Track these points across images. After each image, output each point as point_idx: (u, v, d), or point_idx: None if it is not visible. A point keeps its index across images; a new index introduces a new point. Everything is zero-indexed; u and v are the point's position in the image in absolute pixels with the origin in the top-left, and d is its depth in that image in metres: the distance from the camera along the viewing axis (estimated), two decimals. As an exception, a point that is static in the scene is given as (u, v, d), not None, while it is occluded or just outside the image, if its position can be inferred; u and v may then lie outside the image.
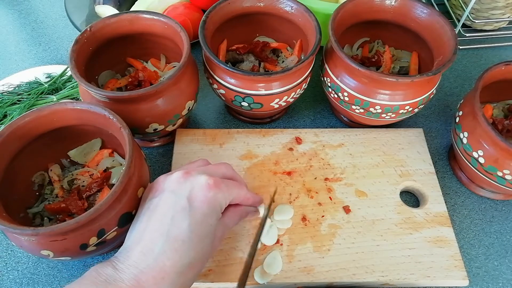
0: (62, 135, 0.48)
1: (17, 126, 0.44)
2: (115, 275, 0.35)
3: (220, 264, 0.47)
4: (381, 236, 0.50)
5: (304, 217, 0.51)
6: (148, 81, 0.56)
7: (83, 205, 0.46)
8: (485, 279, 0.51)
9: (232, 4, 0.57)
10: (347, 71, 0.54)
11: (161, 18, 0.54)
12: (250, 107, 0.55)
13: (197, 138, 0.58)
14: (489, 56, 0.76)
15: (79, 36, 0.51)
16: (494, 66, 0.52)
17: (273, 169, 0.55)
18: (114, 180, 0.50)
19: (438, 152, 0.62)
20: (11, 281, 0.49)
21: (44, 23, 0.80)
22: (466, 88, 0.70)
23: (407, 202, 0.55)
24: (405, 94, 0.52)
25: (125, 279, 0.35)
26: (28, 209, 0.47)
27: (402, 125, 0.63)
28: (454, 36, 0.53)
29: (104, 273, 0.35)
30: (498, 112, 0.57)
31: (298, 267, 0.47)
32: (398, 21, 0.60)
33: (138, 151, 0.46)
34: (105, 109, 0.45)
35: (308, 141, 0.58)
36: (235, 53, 0.61)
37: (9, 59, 0.73)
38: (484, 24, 0.77)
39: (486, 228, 0.55)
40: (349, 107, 0.56)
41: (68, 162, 0.52)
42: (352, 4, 0.57)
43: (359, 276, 0.47)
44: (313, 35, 0.54)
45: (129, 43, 0.57)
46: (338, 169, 0.56)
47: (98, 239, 0.41)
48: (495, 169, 0.49)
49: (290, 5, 0.58)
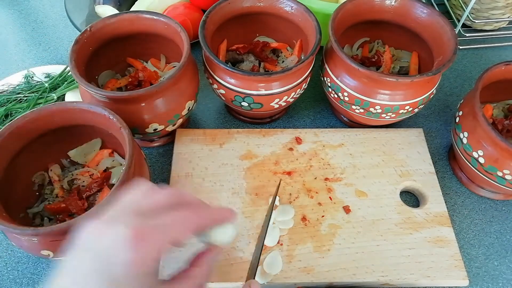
0: (62, 135, 0.48)
1: (17, 126, 0.44)
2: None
3: (220, 264, 0.47)
4: (381, 236, 0.50)
5: (304, 217, 0.51)
6: (148, 81, 0.56)
7: (83, 205, 0.46)
8: (485, 279, 0.51)
9: (232, 4, 0.57)
10: (347, 71, 0.54)
11: (161, 18, 0.54)
12: (250, 107, 0.55)
13: (197, 138, 0.58)
14: (489, 56, 0.76)
15: (79, 36, 0.51)
16: (494, 66, 0.52)
17: (273, 169, 0.55)
18: (114, 180, 0.50)
19: (438, 152, 0.62)
20: (11, 281, 0.49)
21: (44, 23, 0.80)
22: (466, 88, 0.70)
23: (407, 202, 0.55)
24: (405, 94, 0.52)
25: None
26: (28, 209, 0.47)
27: (402, 125, 0.63)
28: (454, 36, 0.53)
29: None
30: (498, 112, 0.57)
31: (298, 267, 0.47)
32: (398, 21, 0.60)
33: (138, 151, 0.46)
34: (105, 109, 0.45)
35: (308, 141, 0.58)
36: (235, 53, 0.61)
37: (9, 59, 0.73)
38: (484, 24, 0.77)
39: (486, 228, 0.55)
40: (349, 107, 0.56)
41: (68, 162, 0.52)
42: (352, 4, 0.57)
43: (359, 276, 0.47)
44: (313, 35, 0.54)
45: (129, 43, 0.57)
46: (338, 169, 0.56)
47: (98, 239, 0.40)
48: (495, 169, 0.49)
49: (290, 5, 0.58)
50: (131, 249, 0.28)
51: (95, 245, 0.29)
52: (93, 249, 0.29)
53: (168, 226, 0.29)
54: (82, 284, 0.28)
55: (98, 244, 0.29)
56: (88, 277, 0.28)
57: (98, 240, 0.29)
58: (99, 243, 0.29)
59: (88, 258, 0.29)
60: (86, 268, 0.28)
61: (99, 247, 0.28)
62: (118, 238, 0.28)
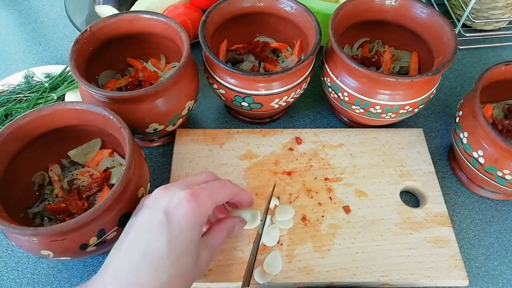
0: (62, 135, 0.48)
1: (17, 126, 0.44)
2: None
3: (220, 264, 0.47)
4: (381, 236, 0.50)
5: (304, 217, 0.51)
6: (148, 81, 0.56)
7: (83, 205, 0.46)
8: (485, 279, 0.51)
9: (232, 4, 0.57)
10: (347, 71, 0.54)
11: (161, 18, 0.54)
12: (250, 107, 0.55)
13: (197, 138, 0.58)
14: (489, 56, 0.76)
15: (79, 36, 0.51)
16: (494, 66, 0.52)
17: (273, 169, 0.55)
18: (114, 180, 0.50)
19: (438, 152, 0.62)
20: (11, 281, 0.49)
21: (44, 23, 0.80)
22: (466, 88, 0.70)
23: (407, 202, 0.55)
24: (405, 94, 0.52)
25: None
26: (28, 209, 0.47)
27: (402, 125, 0.63)
28: (454, 36, 0.53)
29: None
30: (498, 112, 0.57)
31: (298, 267, 0.47)
32: (398, 21, 0.60)
33: (138, 151, 0.46)
34: (105, 109, 0.45)
35: (308, 141, 0.58)
36: (235, 53, 0.61)
37: (9, 59, 0.73)
38: (484, 24, 0.77)
39: (486, 228, 0.55)
40: (349, 107, 0.56)
41: (68, 162, 0.52)
42: (352, 4, 0.57)
43: (359, 276, 0.47)
44: (313, 35, 0.54)
45: (129, 43, 0.57)
46: (338, 169, 0.56)
47: (98, 239, 0.41)
48: (495, 169, 0.49)
49: (290, 5, 0.58)
50: (190, 203, 0.37)
51: (161, 204, 0.38)
52: (159, 207, 0.38)
53: (212, 190, 0.40)
54: (147, 237, 0.36)
55: (163, 203, 0.38)
56: (154, 229, 0.36)
57: (163, 200, 0.38)
58: (164, 202, 0.38)
59: (154, 214, 0.37)
60: (153, 222, 0.37)
61: (164, 205, 0.38)
62: (179, 196, 0.38)
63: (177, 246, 0.36)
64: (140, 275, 0.34)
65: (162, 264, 0.35)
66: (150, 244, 0.36)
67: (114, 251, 0.37)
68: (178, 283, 0.36)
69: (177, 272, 0.36)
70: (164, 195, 0.39)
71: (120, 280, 0.34)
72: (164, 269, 0.35)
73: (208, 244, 0.41)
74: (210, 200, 0.39)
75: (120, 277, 0.34)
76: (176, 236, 0.36)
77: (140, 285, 0.34)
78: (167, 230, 0.36)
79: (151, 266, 0.35)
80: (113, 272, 0.35)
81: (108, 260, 0.36)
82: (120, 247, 0.36)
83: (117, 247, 0.37)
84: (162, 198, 0.38)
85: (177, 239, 0.36)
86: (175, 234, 0.36)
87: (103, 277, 0.35)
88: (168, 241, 0.36)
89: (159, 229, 0.36)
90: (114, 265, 0.35)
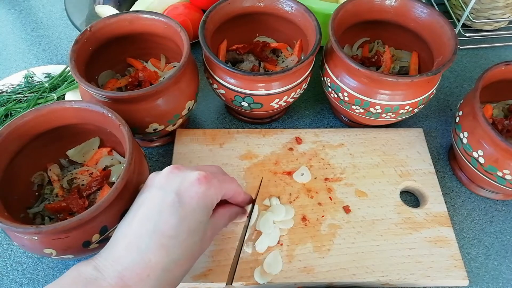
0: (61, 134, 0.48)
1: (16, 126, 0.44)
2: (97, 273, 0.34)
3: (220, 264, 0.47)
4: (381, 236, 0.50)
5: (304, 217, 0.51)
6: (148, 81, 0.56)
7: (83, 203, 0.46)
8: (485, 279, 0.51)
9: (232, 4, 0.57)
10: (347, 71, 0.54)
11: (161, 18, 0.54)
12: (250, 107, 0.55)
13: (197, 138, 0.58)
14: (489, 56, 0.76)
15: (79, 36, 0.51)
16: (494, 66, 0.52)
17: (273, 169, 0.55)
18: (114, 178, 0.50)
19: (438, 152, 0.62)
20: (11, 281, 0.49)
21: (44, 23, 0.80)
22: (466, 88, 0.70)
23: (407, 202, 0.55)
24: (405, 94, 0.52)
25: (108, 276, 0.34)
26: (29, 209, 0.47)
27: (402, 125, 0.63)
28: (454, 36, 0.53)
29: (85, 271, 0.34)
30: (498, 112, 0.57)
31: (298, 267, 0.47)
32: (398, 21, 0.60)
33: (137, 148, 0.46)
34: (103, 107, 0.45)
35: (308, 141, 0.58)
36: (235, 53, 0.61)
37: (9, 59, 0.73)
38: (484, 24, 0.77)
39: (486, 228, 0.55)
40: (349, 107, 0.56)
41: (67, 161, 0.52)
42: (352, 4, 0.57)
43: (359, 276, 0.47)
44: (313, 35, 0.54)
45: (129, 43, 0.57)
46: (338, 169, 0.56)
47: (100, 236, 0.41)
48: (495, 169, 0.49)
49: (290, 5, 0.58)
50: (202, 185, 0.38)
51: (173, 185, 0.38)
52: (171, 187, 0.38)
53: (222, 179, 0.41)
54: (158, 216, 0.36)
55: (175, 183, 0.38)
56: (165, 209, 0.37)
57: (175, 180, 0.38)
58: (175, 182, 0.38)
59: (166, 194, 0.37)
60: (165, 202, 0.37)
61: (176, 185, 0.38)
62: (192, 178, 0.38)
63: (187, 227, 0.37)
64: (151, 253, 0.35)
65: (172, 244, 0.36)
66: (161, 223, 0.36)
67: (123, 229, 0.37)
68: (186, 261, 0.38)
69: (185, 251, 0.37)
70: (176, 175, 0.39)
71: (129, 257, 0.35)
72: (173, 248, 0.36)
73: (213, 225, 0.41)
74: (220, 187, 0.40)
75: (132, 255, 0.35)
76: (187, 216, 0.37)
77: (150, 262, 0.35)
78: (178, 210, 0.37)
79: (161, 245, 0.36)
80: (123, 251, 0.35)
81: (117, 237, 0.37)
82: (129, 225, 0.37)
83: (126, 224, 0.37)
84: (174, 179, 0.39)
85: (187, 220, 0.37)
86: (186, 214, 0.37)
87: (113, 253, 0.36)
88: (179, 221, 0.37)
89: (170, 209, 0.37)
90: (124, 242, 0.36)
